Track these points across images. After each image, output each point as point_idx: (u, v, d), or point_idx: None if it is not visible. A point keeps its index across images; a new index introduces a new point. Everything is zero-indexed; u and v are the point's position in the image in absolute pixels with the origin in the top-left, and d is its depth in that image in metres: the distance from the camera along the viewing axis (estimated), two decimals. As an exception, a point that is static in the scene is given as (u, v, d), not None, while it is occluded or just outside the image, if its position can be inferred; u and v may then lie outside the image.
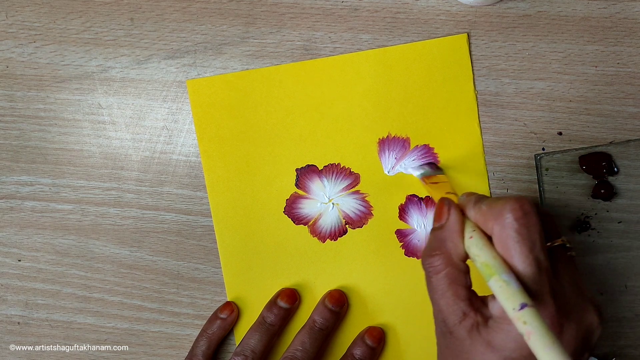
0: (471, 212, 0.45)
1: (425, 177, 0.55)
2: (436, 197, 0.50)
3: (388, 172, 0.56)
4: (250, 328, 0.56)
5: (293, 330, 0.57)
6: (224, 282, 0.58)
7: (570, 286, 0.44)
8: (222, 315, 0.57)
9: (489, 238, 0.43)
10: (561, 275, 0.44)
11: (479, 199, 0.45)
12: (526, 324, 0.37)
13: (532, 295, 0.40)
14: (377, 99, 0.56)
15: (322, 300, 0.57)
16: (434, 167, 0.56)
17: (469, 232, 0.44)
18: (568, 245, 0.46)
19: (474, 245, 0.43)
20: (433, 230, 0.46)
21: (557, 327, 0.42)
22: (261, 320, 0.56)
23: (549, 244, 0.45)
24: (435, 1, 0.56)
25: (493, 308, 0.43)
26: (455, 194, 0.50)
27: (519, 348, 0.41)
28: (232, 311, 0.57)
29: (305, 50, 0.57)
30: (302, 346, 0.55)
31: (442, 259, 0.44)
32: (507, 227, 0.42)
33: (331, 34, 0.56)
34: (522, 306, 0.38)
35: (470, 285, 0.44)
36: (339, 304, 0.56)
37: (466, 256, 0.44)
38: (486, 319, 0.43)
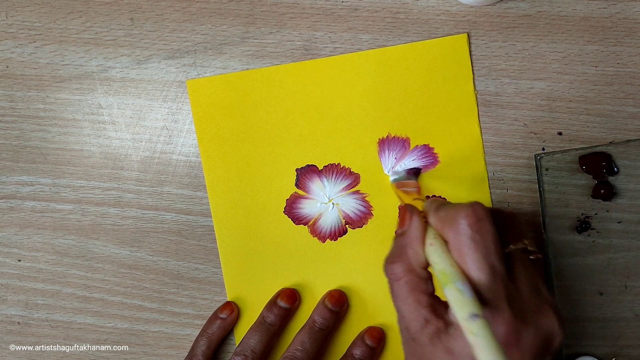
0: (432, 219, 0.45)
1: (396, 183, 0.55)
2: (404, 202, 0.51)
3: (388, 172, 0.56)
4: (250, 328, 0.56)
5: (293, 330, 0.57)
6: (224, 282, 0.58)
7: (528, 290, 0.44)
8: (222, 315, 0.57)
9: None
10: (519, 280, 0.44)
11: (440, 205, 0.45)
12: (474, 335, 0.37)
13: (487, 302, 0.40)
14: (377, 99, 0.56)
15: (322, 300, 0.57)
16: (411, 173, 0.56)
17: (430, 239, 0.44)
18: (530, 248, 0.46)
19: (433, 253, 0.43)
20: (395, 237, 0.46)
21: (514, 333, 0.41)
22: (261, 320, 0.56)
23: (511, 246, 0.45)
24: (435, 1, 0.56)
25: (453, 315, 0.42)
26: (423, 199, 0.50)
27: None
28: (232, 311, 0.57)
29: (305, 50, 0.57)
30: (302, 346, 0.55)
31: (403, 266, 0.44)
32: (461, 233, 0.42)
33: (331, 34, 0.56)
34: (473, 316, 0.38)
35: (433, 292, 0.44)
36: (338, 304, 0.56)
37: (427, 263, 0.44)
38: (447, 325, 0.42)
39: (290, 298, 0.57)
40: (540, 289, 0.45)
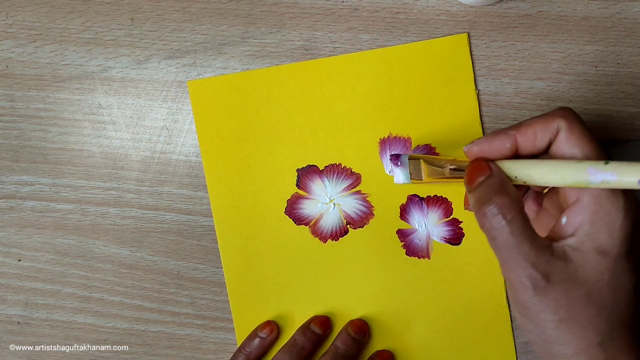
0: (509, 136, 0.44)
1: (414, 176, 0.51)
2: (444, 178, 0.49)
3: (389, 172, 0.56)
4: (281, 349, 0.56)
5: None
6: (225, 282, 0.58)
7: None
8: (262, 335, 0.57)
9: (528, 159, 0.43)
10: None
11: (504, 128, 0.44)
12: None
13: None
14: (377, 99, 0.56)
15: (345, 328, 0.57)
16: (395, 160, 0.51)
17: (512, 176, 0.43)
18: None
19: (540, 180, 0.42)
20: (477, 185, 0.43)
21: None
22: (293, 342, 0.56)
23: None
24: (435, 1, 0.56)
25: (579, 215, 0.41)
26: (451, 158, 0.49)
27: (625, 238, 0.41)
28: (272, 331, 0.57)
29: (306, 50, 0.57)
30: None
31: (509, 198, 0.42)
32: (578, 120, 0.42)
33: (331, 34, 0.56)
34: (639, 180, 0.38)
35: None
36: (361, 333, 0.56)
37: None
38: (567, 237, 0.41)
39: (324, 325, 0.57)
40: None
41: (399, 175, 0.50)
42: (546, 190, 0.48)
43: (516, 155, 0.44)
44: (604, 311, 0.41)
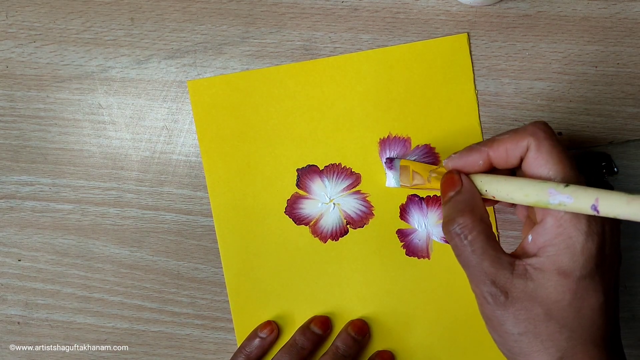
0: (481, 152, 0.45)
1: (403, 181, 0.53)
2: (424, 185, 0.51)
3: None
4: (281, 349, 0.56)
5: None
6: (225, 282, 0.58)
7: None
8: (262, 335, 0.57)
9: (501, 175, 0.44)
10: None
11: (479, 142, 0.46)
12: (616, 213, 0.38)
13: None
14: (377, 99, 0.56)
15: (345, 328, 0.57)
16: (389, 164, 0.54)
17: (482, 191, 0.45)
18: None
19: (503, 198, 0.43)
20: (448, 199, 0.45)
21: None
22: (292, 342, 0.56)
23: None
24: (435, 1, 0.56)
25: (543, 236, 0.42)
26: (433, 167, 0.51)
27: (587, 260, 0.41)
28: (272, 331, 0.57)
29: (306, 50, 0.57)
30: None
31: (472, 217, 0.43)
32: (547, 139, 0.42)
33: (331, 34, 0.56)
34: (595, 207, 0.39)
35: None
36: (361, 333, 0.56)
37: (489, 214, 0.45)
38: (532, 256, 0.42)
39: (324, 325, 0.57)
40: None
41: (390, 179, 0.54)
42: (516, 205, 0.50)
43: (492, 169, 0.46)
44: (565, 329, 0.42)
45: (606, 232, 0.42)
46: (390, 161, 0.54)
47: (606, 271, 0.43)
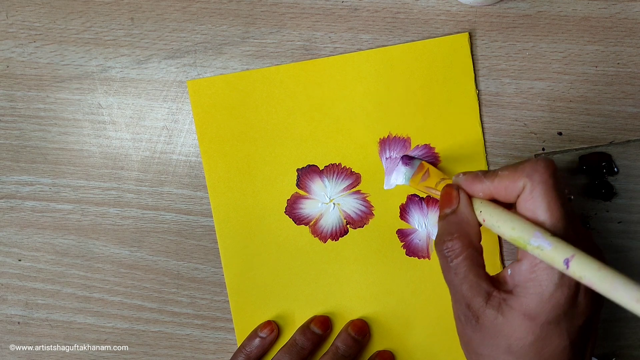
0: (484, 185, 0.45)
1: (412, 179, 0.54)
2: (431, 187, 0.51)
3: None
4: (281, 349, 0.56)
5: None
6: (225, 282, 0.58)
7: (578, 232, 0.45)
8: (262, 334, 0.57)
9: (500, 206, 0.44)
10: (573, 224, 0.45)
11: (486, 171, 0.46)
12: (583, 278, 0.38)
13: None
14: (377, 99, 0.56)
15: (345, 329, 0.57)
16: (408, 161, 0.55)
17: (477, 213, 0.45)
18: (572, 196, 0.49)
19: (491, 226, 0.44)
20: (444, 216, 0.46)
21: None
22: (292, 342, 0.56)
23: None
24: (435, 1, 0.56)
25: (517, 275, 0.43)
26: (445, 177, 0.51)
27: (554, 308, 0.42)
28: (272, 330, 0.57)
29: (306, 50, 0.57)
30: None
31: (461, 241, 0.44)
32: (543, 183, 0.42)
33: (331, 34, 0.56)
34: (567, 262, 0.39)
35: (485, 266, 0.45)
36: (361, 333, 0.56)
37: (481, 236, 0.45)
38: (510, 292, 0.43)
39: (324, 325, 0.57)
40: (580, 228, 0.46)
41: (401, 175, 0.54)
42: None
43: (494, 199, 0.46)
44: None
45: (582, 284, 0.43)
46: (409, 158, 0.54)
47: (576, 316, 0.43)
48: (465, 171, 0.47)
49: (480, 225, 0.46)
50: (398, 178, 0.55)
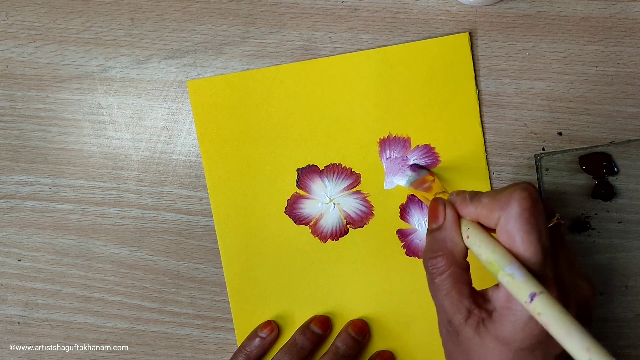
0: (469, 209, 0.45)
1: (413, 184, 0.55)
2: (428, 199, 0.50)
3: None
4: (281, 349, 0.56)
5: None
6: (225, 282, 0.58)
7: (566, 266, 0.45)
8: (262, 334, 0.57)
9: (488, 232, 0.44)
10: (558, 257, 0.44)
11: (474, 194, 0.45)
12: (541, 315, 0.38)
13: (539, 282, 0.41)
14: (377, 99, 0.56)
15: (345, 329, 0.57)
16: (416, 169, 0.56)
17: (464, 230, 0.45)
18: (562, 221, 0.47)
19: (472, 244, 0.43)
20: (430, 231, 0.46)
21: None
22: (293, 342, 0.56)
23: (548, 223, 0.45)
24: (435, 1, 0.56)
25: (495, 300, 0.43)
26: (445, 191, 0.50)
27: (528, 337, 0.42)
28: (272, 330, 0.57)
29: (306, 50, 0.57)
30: None
31: (445, 259, 0.45)
32: (516, 216, 0.42)
33: (331, 34, 0.56)
34: (532, 296, 0.38)
35: (471, 282, 0.45)
36: (361, 333, 0.56)
37: (467, 253, 0.45)
38: (490, 313, 0.43)
39: (324, 325, 0.57)
40: (572, 262, 0.46)
41: (404, 178, 0.55)
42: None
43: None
44: None
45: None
46: (418, 167, 0.56)
47: (552, 346, 0.43)
48: (460, 190, 0.47)
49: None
50: (401, 180, 0.55)
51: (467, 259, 0.45)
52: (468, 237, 0.44)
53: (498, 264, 0.41)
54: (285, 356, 0.55)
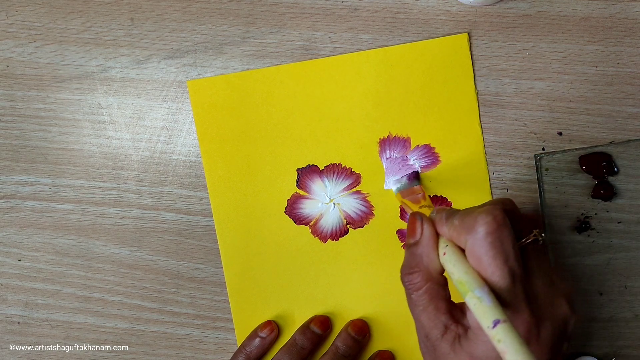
0: (443, 228, 0.45)
1: (402, 192, 0.55)
2: (411, 210, 0.51)
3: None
4: (281, 349, 0.56)
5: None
6: (226, 282, 0.58)
7: (542, 283, 0.45)
8: (262, 334, 0.57)
9: (463, 251, 0.43)
10: (534, 275, 0.44)
11: (451, 213, 0.45)
12: (500, 342, 0.38)
13: (507, 305, 0.41)
14: (377, 99, 0.56)
15: (345, 328, 0.57)
16: (412, 178, 0.56)
17: (442, 247, 0.45)
18: (540, 238, 0.46)
19: (447, 262, 0.43)
20: (408, 246, 0.46)
21: (534, 332, 0.42)
22: (292, 342, 0.56)
23: (524, 240, 0.45)
24: (435, 1, 0.56)
25: (470, 319, 0.43)
26: (428, 206, 0.50)
27: (499, 358, 0.41)
28: (272, 330, 0.57)
29: (306, 50, 0.57)
30: None
31: (421, 276, 0.45)
32: (480, 240, 0.42)
33: (331, 34, 0.56)
34: (495, 323, 0.38)
35: (449, 297, 0.45)
36: (361, 333, 0.56)
37: (443, 269, 0.45)
38: (466, 329, 0.43)
39: (323, 325, 0.57)
40: (553, 279, 0.46)
41: (395, 184, 0.56)
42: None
43: None
44: None
45: (532, 335, 0.42)
46: (415, 177, 0.56)
47: None
48: (441, 207, 0.47)
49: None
50: (393, 185, 0.56)
51: (444, 275, 0.45)
52: (445, 254, 0.44)
53: (468, 285, 0.41)
54: (285, 356, 0.55)
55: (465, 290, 0.41)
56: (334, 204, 0.57)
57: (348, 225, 0.57)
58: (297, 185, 0.57)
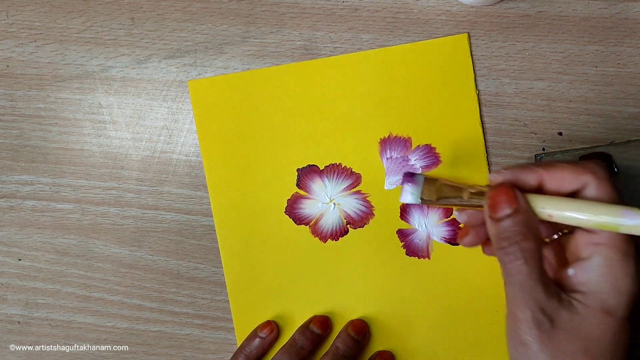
0: (536, 174, 0.43)
1: (425, 200, 0.47)
2: (456, 201, 0.46)
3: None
4: (281, 349, 0.56)
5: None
6: (226, 282, 0.58)
7: None
8: (262, 335, 0.57)
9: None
10: None
11: (531, 164, 0.44)
12: None
13: None
14: (378, 99, 0.56)
15: (345, 329, 0.57)
16: (409, 178, 0.47)
17: (540, 211, 0.43)
18: None
19: (566, 215, 0.42)
20: (504, 217, 0.43)
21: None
22: (292, 342, 0.56)
23: None
24: (435, 1, 0.56)
25: (585, 274, 0.42)
26: (471, 186, 0.46)
27: (631, 302, 0.42)
28: (271, 330, 0.57)
29: (306, 50, 0.57)
30: None
31: (535, 242, 0.42)
32: (606, 180, 0.42)
33: (331, 34, 0.57)
34: None
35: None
36: (361, 333, 0.56)
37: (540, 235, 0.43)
38: (576, 291, 0.42)
39: (323, 325, 0.57)
40: None
41: (408, 195, 0.46)
42: (565, 231, 0.47)
43: (540, 192, 0.44)
44: None
45: None
46: (410, 175, 0.47)
47: (633, 313, 0.43)
48: (501, 168, 0.45)
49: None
50: (407, 198, 0.47)
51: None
52: (551, 217, 0.42)
53: (614, 222, 0.40)
54: (285, 356, 0.55)
55: (615, 227, 0.40)
56: (334, 204, 0.57)
57: (348, 226, 0.57)
58: (297, 185, 0.57)
